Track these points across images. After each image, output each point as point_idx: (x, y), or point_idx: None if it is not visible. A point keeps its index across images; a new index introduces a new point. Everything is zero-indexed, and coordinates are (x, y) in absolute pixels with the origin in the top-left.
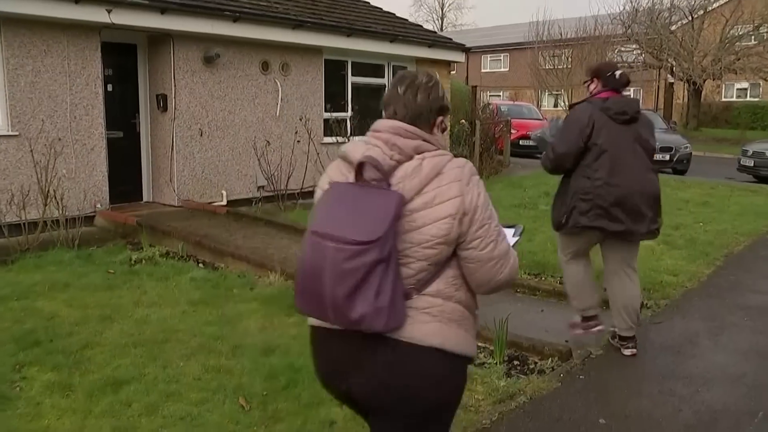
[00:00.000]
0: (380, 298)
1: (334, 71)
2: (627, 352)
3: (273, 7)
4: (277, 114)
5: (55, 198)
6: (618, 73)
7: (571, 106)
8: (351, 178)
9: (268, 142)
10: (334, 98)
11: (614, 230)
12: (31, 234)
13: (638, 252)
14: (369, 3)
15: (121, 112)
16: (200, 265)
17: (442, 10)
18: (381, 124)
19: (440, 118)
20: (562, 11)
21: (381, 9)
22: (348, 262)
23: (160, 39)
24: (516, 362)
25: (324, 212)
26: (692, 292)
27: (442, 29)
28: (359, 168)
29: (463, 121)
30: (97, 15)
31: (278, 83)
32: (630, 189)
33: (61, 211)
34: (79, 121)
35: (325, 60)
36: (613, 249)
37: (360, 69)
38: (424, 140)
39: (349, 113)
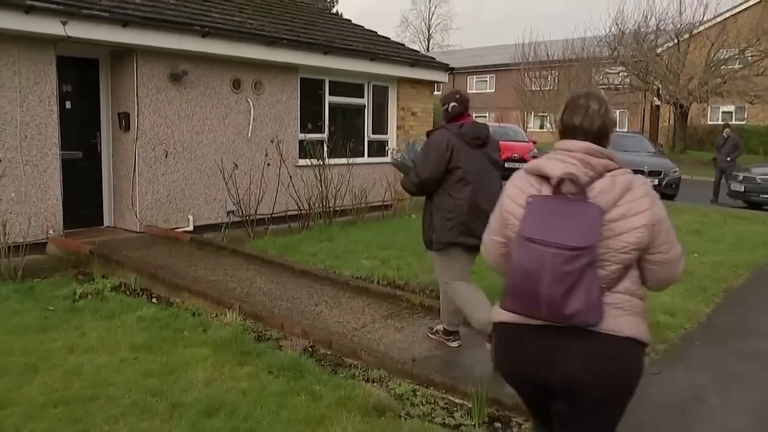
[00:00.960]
0: (592, 296)
1: (311, 90)
2: (454, 344)
3: (246, 22)
4: (249, 135)
5: None
6: (459, 96)
7: (428, 134)
8: (544, 190)
9: (236, 165)
10: (310, 119)
11: (473, 244)
12: None
13: None
14: (350, 21)
15: (80, 131)
16: (154, 300)
17: (428, 31)
18: (573, 144)
19: (612, 136)
20: (549, 33)
21: (362, 27)
22: (566, 265)
23: (123, 54)
24: (498, 424)
25: (536, 222)
26: (692, 335)
27: (428, 50)
28: (558, 183)
29: None
30: (51, 27)
31: (250, 102)
32: (486, 207)
33: (2, 239)
34: (31, 141)
35: (301, 78)
36: (469, 261)
37: (338, 88)
38: (610, 159)
39: (326, 134)
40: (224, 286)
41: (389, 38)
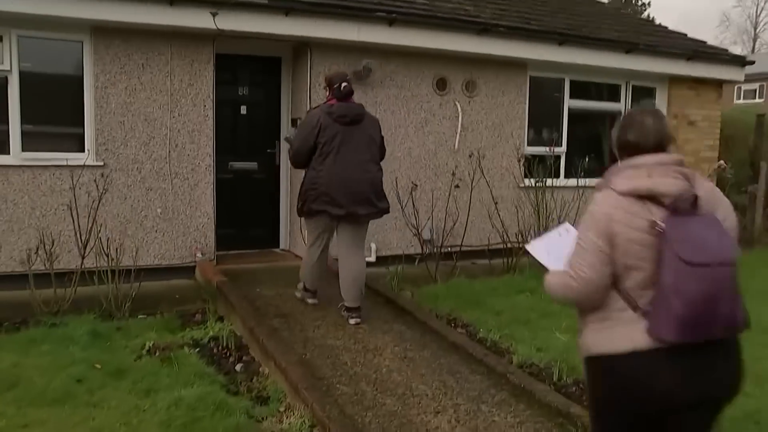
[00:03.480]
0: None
1: (545, 92)
2: (353, 321)
3: (461, 8)
4: (456, 147)
5: (105, 245)
6: (342, 85)
7: (308, 111)
8: (654, 212)
9: (415, 185)
10: (542, 127)
11: (337, 214)
12: (69, 286)
13: (366, 232)
14: (620, 11)
15: (257, 139)
16: (238, 366)
17: (754, 31)
18: (666, 158)
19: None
20: None
21: (631, 15)
22: (734, 279)
23: (301, 49)
24: None
25: (697, 245)
26: None
27: (753, 51)
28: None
29: (722, 162)
30: (198, 20)
31: (459, 106)
32: (349, 178)
33: (109, 262)
34: (181, 151)
35: (530, 77)
36: (342, 230)
37: (583, 90)
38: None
39: (564, 148)
40: (329, 360)
41: (661, 25)
